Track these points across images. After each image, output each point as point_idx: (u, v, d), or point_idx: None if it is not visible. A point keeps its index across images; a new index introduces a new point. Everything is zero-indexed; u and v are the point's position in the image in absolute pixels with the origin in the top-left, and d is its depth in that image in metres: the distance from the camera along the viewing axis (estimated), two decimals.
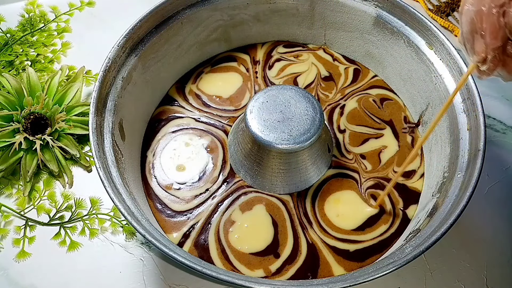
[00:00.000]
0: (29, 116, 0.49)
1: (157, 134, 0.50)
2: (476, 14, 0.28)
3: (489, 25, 0.28)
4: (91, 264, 0.45)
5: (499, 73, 0.31)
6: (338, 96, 0.53)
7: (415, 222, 0.43)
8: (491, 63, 0.30)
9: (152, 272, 0.44)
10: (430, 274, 0.44)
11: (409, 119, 0.51)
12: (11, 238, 0.46)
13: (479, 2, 0.28)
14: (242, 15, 0.53)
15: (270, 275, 0.42)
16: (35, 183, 0.49)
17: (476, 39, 0.29)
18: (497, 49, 0.29)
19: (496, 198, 0.49)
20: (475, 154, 0.39)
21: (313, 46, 0.57)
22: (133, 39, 0.45)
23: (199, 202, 0.45)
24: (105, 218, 0.47)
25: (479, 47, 0.29)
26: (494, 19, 0.28)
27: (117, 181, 0.39)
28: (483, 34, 0.29)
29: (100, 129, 0.41)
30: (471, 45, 0.30)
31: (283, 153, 0.43)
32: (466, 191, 0.37)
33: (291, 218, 0.45)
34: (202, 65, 0.55)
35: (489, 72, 0.31)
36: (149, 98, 0.50)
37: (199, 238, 0.43)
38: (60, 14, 0.62)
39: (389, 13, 0.49)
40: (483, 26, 0.28)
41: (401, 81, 0.51)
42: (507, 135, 0.53)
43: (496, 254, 0.46)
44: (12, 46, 0.58)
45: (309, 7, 0.52)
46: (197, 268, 0.33)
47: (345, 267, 0.42)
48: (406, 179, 0.47)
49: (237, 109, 0.52)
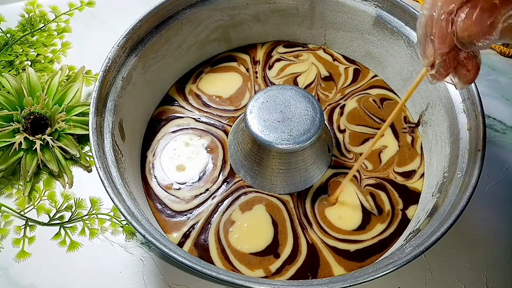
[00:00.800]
0: (29, 116, 0.49)
1: (157, 134, 0.50)
2: (428, 18, 0.29)
3: (438, 31, 0.28)
4: (91, 264, 0.45)
5: (451, 79, 0.31)
6: (338, 96, 0.53)
7: (415, 222, 0.43)
8: (440, 67, 0.30)
9: (152, 272, 0.44)
10: (430, 274, 0.44)
11: (409, 119, 0.51)
12: (11, 238, 0.46)
13: (432, 7, 0.29)
14: (242, 15, 0.53)
15: (270, 275, 0.42)
16: (35, 183, 0.49)
17: (427, 43, 0.30)
18: (445, 55, 0.29)
19: (496, 198, 0.49)
20: (475, 154, 0.39)
21: (313, 46, 0.57)
22: (133, 39, 0.45)
23: (199, 202, 0.45)
24: (105, 218, 0.47)
25: (428, 51, 0.30)
26: (443, 25, 0.28)
27: (117, 181, 0.39)
28: (432, 38, 0.29)
29: (100, 129, 0.41)
30: (423, 48, 0.31)
31: (283, 153, 0.43)
32: (466, 191, 0.37)
33: (291, 218, 0.45)
34: (202, 65, 0.55)
35: (439, 76, 0.31)
36: (149, 98, 0.50)
37: (199, 238, 0.43)
38: (60, 14, 0.62)
39: (389, 13, 0.49)
40: (433, 31, 0.29)
41: (401, 81, 0.51)
42: (507, 135, 0.53)
43: (496, 254, 0.46)
44: (12, 46, 0.58)
45: (309, 7, 0.52)
46: (197, 268, 0.33)
47: (345, 267, 0.42)
48: (406, 179, 0.47)
49: (237, 109, 0.52)
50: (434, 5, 0.28)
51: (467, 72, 0.30)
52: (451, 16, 0.28)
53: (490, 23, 0.26)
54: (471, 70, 0.30)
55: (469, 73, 0.30)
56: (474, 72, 0.30)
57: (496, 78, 0.58)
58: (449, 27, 0.28)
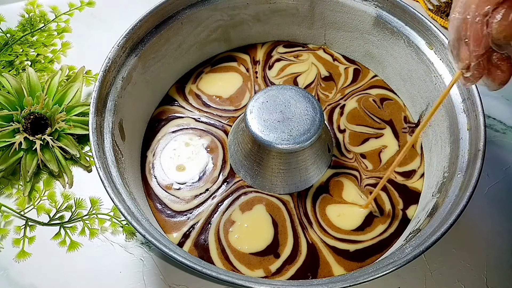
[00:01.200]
0: (29, 116, 0.49)
1: (157, 134, 0.50)
2: (461, 22, 0.29)
3: (473, 33, 0.28)
4: (91, 264, 0.45)
5: (484, 81, 0.31)
6: (338, 96, 0.53)
7: (415, 222, 0.43)
8: (475, 70, 0.30)
9: (152, 272, 0.44)
10: (430, 274, 0.44)
11: (409, 119, 0.51)
12: (11, 238, 0.46)
13: (465, 11, 0.29)
14: (242, 15, 0.53)
15: (270, 275, 0.42)
16: (35, 183, 0.49)
17: (461, 46, 0.30)
18: (480, 57, 0.29)
19: (496, 198, 0.49)
20: (475, 154, 0.39)
21: (313, 46, 0.57)
22: (133, 39, 0.45)
23: (199, 202, 0.45)
24: (105, 218, 0.47)
25: (463, 54, 0.30)
26: (478, 28, 0.28)
27: (117, 181, 0.39)
28: (467, 41, 0.29)
29: (100, 129, 0.41)
30: (457, 52, 0.31)
31: (283, 153, 0.43)
32: (466, 191, 0.37)
33: (291, 218, 0.45)
34: (202, 65, 0.55)
35: (473, 79, 0.31)
36: (149, 98, 0.50)
37: (199, 238, 0.43)
38: (60, 14, 0.62)
39: (389, 13, 0.49)
40: (468, 34, 0.29)
41: (401, 81, 0.51)
42: (507, 135, 0.53)
43: (496, 254, 0.46)
44: (12, 46, 0.58)
45: (309, 7, 0.52)
46: (197, 268, 0.33)
47: (345, 267, 0.42)
48: (406, 179, 0.47)
49: (237, 109, 0.52)
50: (468, 8, 0.28)
51: (502, 73, 0.30)
52: (486, 18, 0.28)
53: None
54: (506, 71, 0.30)
55: (503, 74, 0.30)
56: (509, 73, 0.30)
57: None
58: (484, 29, 0.28)
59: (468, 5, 0.28)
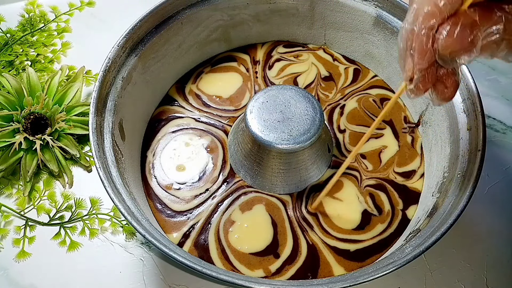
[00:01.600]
0: (29, 116, 0.49)
1: (157, 134, 0.50)
2: (409, 32, 0.29)
3: (418, 46, 0.28)
4: (91, 264, 0.45)
5: (430, 95, 0.31)
6: (338, 96, 0.53)
7: (415, 222, 0.43)
8: (418, 83, 0.30)
9: (152, 272, 0.44)
10: (430, 274, 0.44)
11: (409, 119, 0.51)
12: (11, 238, 0.46)
13: (413, 22, 0.28)
14: (242, 15, 0.53)
15: (270, 275, 0.42)
16: (35, 183, 0.49)
17: (407, 57, 0.30)
18: (424, 70, 0.29)
19: (496, 198, 0.49)
20: (475, 154, 0.39)
21: (313, 46, 0.57)
22: (133, 39, 0.45)
23: (199, 202, 0.45)
24: (105, 218, 0.47)
25: (408, 66, 0.30)
26: (423, 40, 0.28)
27: (117, 181, 0.39)
28: (412, 53, 0.29)
29: (100, 129, 0.41)
30: (403, 62, 0.30)
31: (283, 153, 0.43)
32: (466, 191, 0.37)
33: (289, 218, 0.45)
34: (202, 65, 0.55)
35: (417, 92, 0.30)
36: (149, 98, 0.50)
37: (199, 238, 0.43)
38: (60, 14, 0.62)
39: (389, 13, 0.49)
40: (413, 46, 0.28)
41: (401, 81, 0.51)
42: (507, 135, 0.53)
43: (496, 254, 0.46)
44: (12, 46, 0.58)
45: (309, 7, 0.52)
46: (197, 268, 0.33)
47: (345, 267, 0.42)
48: (406, 179, 0.47)
49: (237, 109, 0.52)
50: (416, 19, 0.28)
51: (445, 89, 0.30)
52: (431, 32, 0.27)
53: (471, 40, 0.26)
54: (449, 87, 0.29)
55: (447, 90, 0.30)
56: (453, 90, 0.30)
57: (496, 78, 0.58)
58: (429, 43, 0.28)
59: (416, 16, 0.28)
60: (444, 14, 0.27)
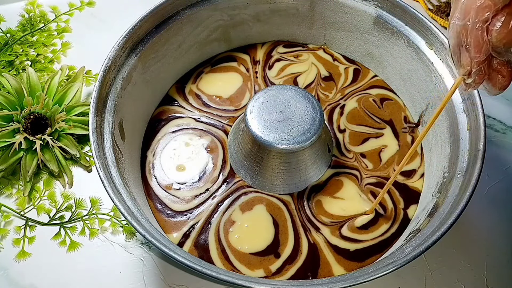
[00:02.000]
0: (29, 116, 0.49)
1: (157, 134, 0.50)
2: (462, 28, 0.29)
3: (473, 40, 0.28)
4: (91, 264, 0.45)
5: (485, 86, 0.31)
6: (338, 96, 0.53)
7: (415, 222, 0.43)
8: (476, 76, 0.30)
9: (152, 272, 0.44)
10: (430, 274, 0.44)
11: (409, 119, 0.51)
12: (11, 238, 0.46)
13: (464, 17, 0.29)
14: (242, 15, 0.53)
15: (270, 275, 0.42)
16: (35, 183, 0.49)
17: (462, 52, 0.30)
18: (482, 63, 0.29)
19: (496, 198, 0.49)
20: (475, 154, 0.39)
21: (313, 46, 0.57)
22: (133, 39, 0.45)
23: (199, 202, 0.45)
24: (105, 218, 0.47)
25: (464, 60, 0.30)
26: (478, 34, 0.28)
27: (117, 181, 0.39)
28: (468, 48, 0.29)
29: (100, 129, 0.41)
30: (458, 58, 0.31)
31: (283, 153, 0.43)
32: (466, 191, 0.37)
33: (292, 218, 0.45)
34: (202, 65, 0.55)
35: (474, 85, 0.31)
36: (149, 98, 0.50)
37: (199, 238, 0.43)
38: (60, 14, 0.62)
39: (389, 13, 0.49)
40: (468, 40, 0.29)
41: (401, 81, 0.51)
42: (507, 135, 0.53)
43: (496, 254, 0.46)
44: (12, 46, 0.58)
45: (309, 7, 0.52)
46: (197, 268, 0.33)
47: (345, 267, 0.42)
48: (406, 179, 0.47)
49: (237, 109, 0.52)
50: (467, 14, 0.28)
51: (502, 78, 0.30)
52: (486, 24, 0.28)
53: None
54: (506, 76, 0.30)
55: (504, 79, 0.30)
56: (509, 78, 0.30)
57: None
58: (484, 36, 0.28)
59: (467, 11, 0.28)
60: (498, 6, 0.27)
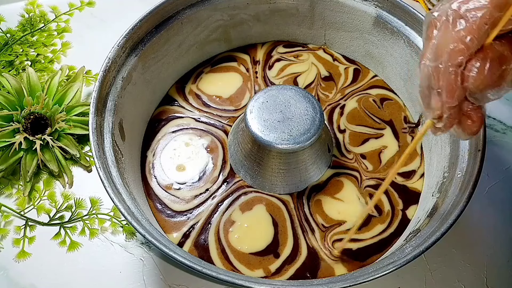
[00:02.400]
0: (29, 116, 0.49)
1: (157, 134, 0.50)
2: (433, 70, 0.28)
3: (446, 84, 0.27)
4: (91, 264, 0.45)
5: (455, 131, 0.30)
6: (338, 96, 0.53)
7: (415, 222, 0.43)
8: (447, 120, 0.29)
9: (152, 272, 0.44)
10: (430, 274, 0.44)
11: (409, 119, 0.51)
12: (11, 238, 0.46)
13: (436, 58, 0.27)
14: (242, 15, 0.53)
15: (270, 275, 0.42)
16: (35, 183, 0.49)
17: (432, 95, 0.29)
18: (453, 108, 0.28)
19: (496, 198, 0.49)
20: (475, 154, 0.39)
21: (313, 46, 0.57)
22: (133, 39, 0.45)
23: (199, 202, 0.45)
24: (105, 218, 0.47)
25: (435, 104, 0.29)
26: (451, 78, 0.27)
27: (117, 181, 0.39)
28: (439, 91, 0.28)
29: (100, 129, 0.41)
30: (428, 101, 0.29)
31: (283, 153, 0.43)
32: (466, 191, 0.37)
33: (291, 218, 0.45)
34: (202, 65, 0.55)
35: (444, 129, 0.30)
36: (149, 98, 0.50)
37: (199, 238, 0.43)
38: (60, 14, 0.62)
39: (389, 13, 0.49)
40: (440, 84, 0.27)
41: (401, 81, 0.51)
42: (507, 135, 0.53)
43: (496, 254, 0.46)
44: (12, 46, 0.58)
45: (309, 7, 0.52)
46: (197, 268, 0.33)
47: (345, 266, 0.42)
48: (406, 179, 0.47)
49: (237, 109, 0.52)
50: (440, 57, 0.27)
51: (472, 123, 0.29)
52: (460, 69, 0.26)
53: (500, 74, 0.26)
54: (476, 121, 0.29)
55: (473, 124, 0.29)
56: (479, 124, 0.29)
57: None
58: (458, 81, 0.27)
59: (439, 53, 0.27)
60: (472, 50, 0.26)
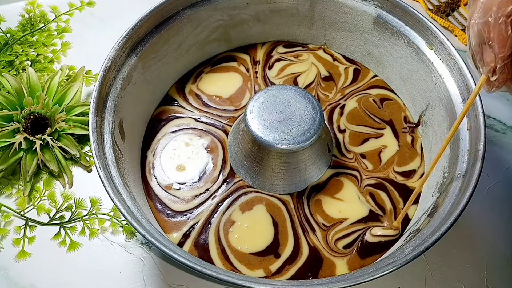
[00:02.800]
0: (29, 116, 0.49)
1: (157, 134, 0.50)
2: (483, 25, 0.28)
3: (497, 35, 0.28)
4: (91, 264, 0.45)
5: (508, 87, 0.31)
6: (338, 96, 0.53)
7: (415, 222, 0.43)
8: (500, 73, 0.29)
9: (152, 272, 0.44)
10: (430, 274, 0.44)
11: (409, 119, 0.51)
12: (11, 238, 0.46)
13: (485, 14, 0.28)
14: (242, 15, 0.53)
15: (270, 275, 0.42)
16: (35, 183, 0.49)
17: (484, 50, 0.29)
18: (506, 58, 0.29)
19: (496, 198, 0.49)
20: (475, 154, 0.39)
21: (313, 46, 0.57)
22: (133, 39, 0.45)
23: (199, 202, 0.45)
24: (105, 218, 0.47)
25: (488, 58, 0.29)
26: (502, 28, 0.28)
27: (117, 181, 0.39)
28: (491, 44, 0.29)
29: (100, 129, 0.41)
30: (480, 56, 0.30)
31: (283, 153, 0.43)
32: (466, 191, 0.37)
33: (291, 218, 0.45)
34: (202, 65, 0.55)
35: (498, 84, 0.30)
36: (149, 98, 0.50)
37: (199, 238, 0.43)
38: (60, 14, 0.62)
39: (389, 13, 0.49)
40: (491, 36, 0.28)
41: (401, 81, 0.51)
42: (507, 135, 0.53)
43: (496, 254, 0.46)
44: (12, 46, 0.58)
45: (309, 7, 0.52)
46: (197, 268, 0.33)
47: (347, 265, 0.42)
48: (406, 179, 0.47)
49: (237, 109, 0.52)
50: (488, 10, 0.28)
51: None
52: (509, 19, 0.27)
53: None
54: None
55: None
56: None
57: None
58: (509, 30, 0.28)
59: (488, 7, 0.28)
60: None
